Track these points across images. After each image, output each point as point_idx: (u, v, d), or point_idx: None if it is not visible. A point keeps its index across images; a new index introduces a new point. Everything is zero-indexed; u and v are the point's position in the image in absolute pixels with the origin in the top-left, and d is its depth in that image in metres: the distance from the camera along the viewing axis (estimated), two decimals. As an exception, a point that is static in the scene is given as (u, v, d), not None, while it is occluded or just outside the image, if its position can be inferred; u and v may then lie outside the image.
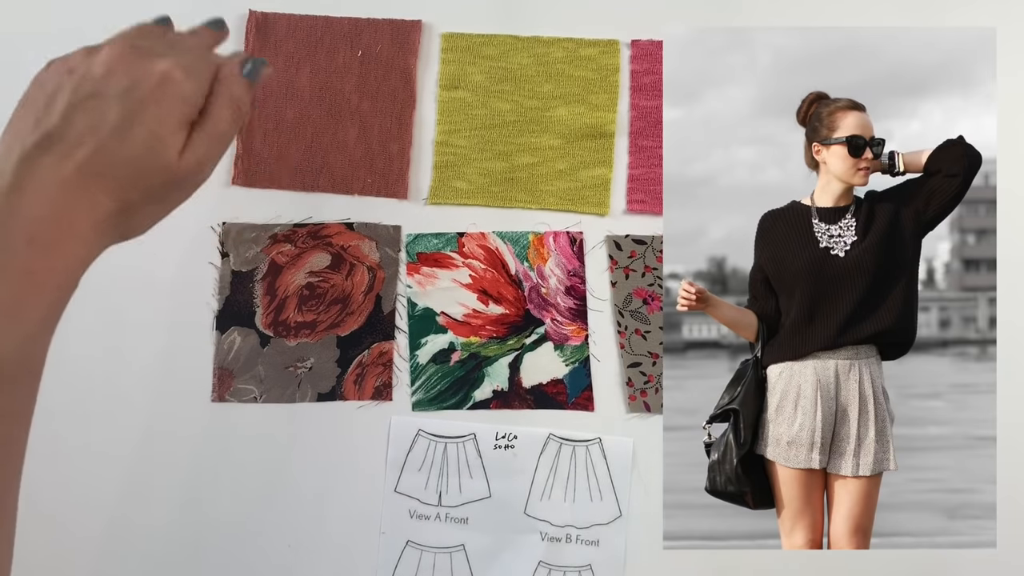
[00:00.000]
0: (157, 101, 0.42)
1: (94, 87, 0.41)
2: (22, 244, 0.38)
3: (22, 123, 0.41)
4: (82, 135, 0.40)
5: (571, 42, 0.71)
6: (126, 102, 0.41)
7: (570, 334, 0.69)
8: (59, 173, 0.40)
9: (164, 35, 0.48)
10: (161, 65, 0.42)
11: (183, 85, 0.43)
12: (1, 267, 0.38)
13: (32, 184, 0.39)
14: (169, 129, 0.42)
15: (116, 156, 0.41)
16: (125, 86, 0.41)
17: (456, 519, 0.67)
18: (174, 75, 0.43)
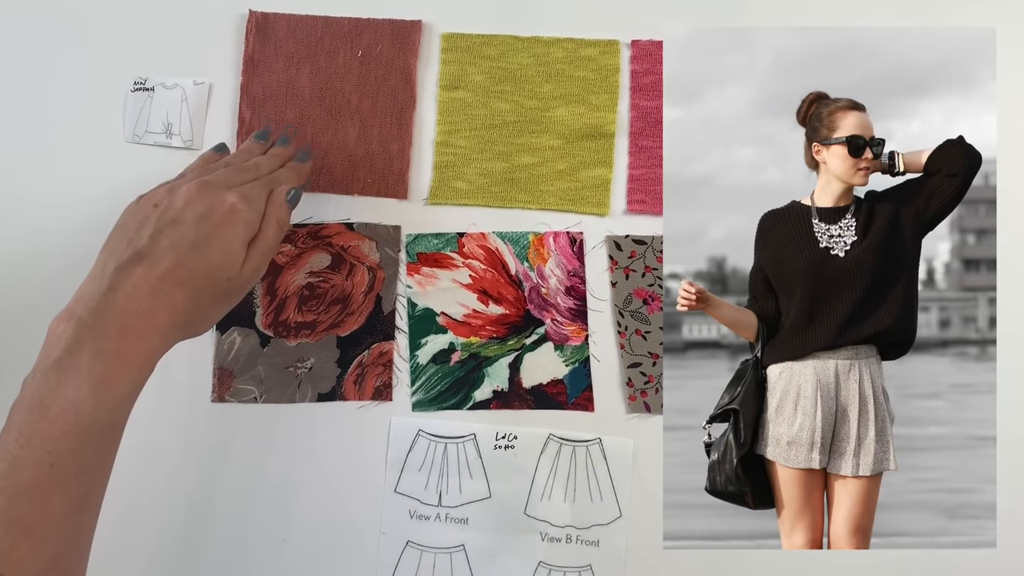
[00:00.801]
0: (226, 226, 0.53)
1: (175, 215, 0.52)
2: (115, 332, 0.48)
3: (117, 244, 0.52)
4: (165, 251, 0.51)
5: (571, 42, 0.71)
6: (201, 227, 0.52)
7: (570, 334, 0.69)
8: (146, 280, 0.50)
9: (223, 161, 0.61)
10: (229, 198, 0.53)
11: (246, 214, 0.54)
12: (99, 349, 0.47)
13: (124, 287, 0.49)
14: (235, 248, 0.53)
15: (193, 269, 0.51)
16: (200, 213, 0.52)
17: (456, 519, 0.67)
18: (239, 206, 0.53)
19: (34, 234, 0.70)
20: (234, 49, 0.71)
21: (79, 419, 0.46)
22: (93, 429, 0.47)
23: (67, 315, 0.49)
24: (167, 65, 0.72)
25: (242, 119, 0.71)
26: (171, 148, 0.71)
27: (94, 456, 0.48)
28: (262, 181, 0.58)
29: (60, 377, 0.47)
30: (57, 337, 0.48)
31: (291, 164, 0.63)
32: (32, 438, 0.45)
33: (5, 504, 0.44)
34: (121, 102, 0.71)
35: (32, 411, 0.46)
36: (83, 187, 0.70)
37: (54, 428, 0.46)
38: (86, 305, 0.49)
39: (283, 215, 0.57)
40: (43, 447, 0.45)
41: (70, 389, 0.46)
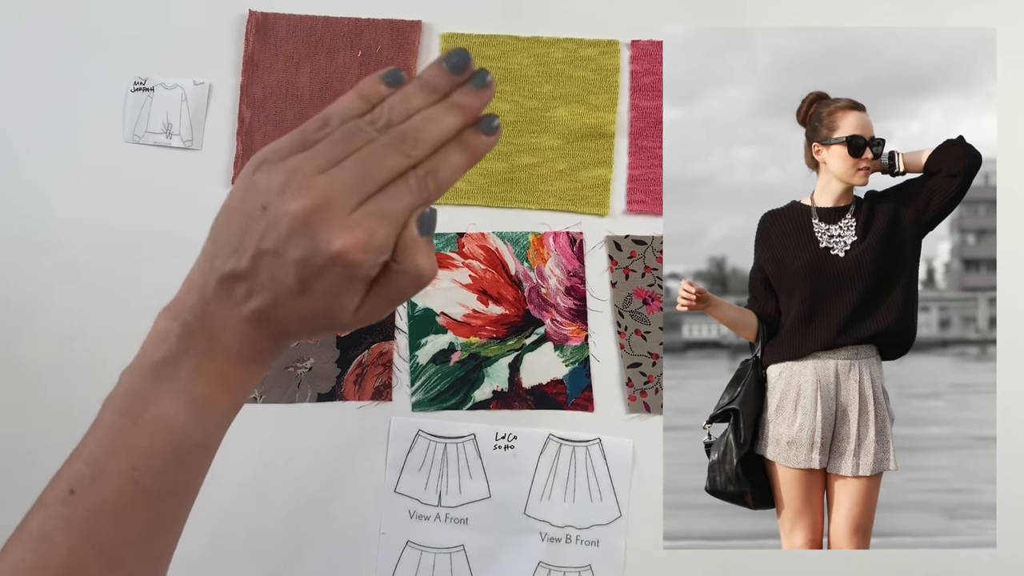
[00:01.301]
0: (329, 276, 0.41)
1: (275, 244, 0.41)
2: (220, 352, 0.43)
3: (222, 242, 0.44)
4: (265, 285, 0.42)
5: (571, 42, 0.71)
6: (300, 271, 0.41)
7: (570, 334, 0.69)
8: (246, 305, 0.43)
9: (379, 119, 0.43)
10: (338, 243, 0.40)
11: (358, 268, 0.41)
12: (198, 367, 0.43)
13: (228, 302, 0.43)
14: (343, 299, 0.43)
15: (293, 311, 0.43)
16: (299, 258, 0.41)
17: (456, 519, 0.67)
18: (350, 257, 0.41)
19: (34, 233, 0.70)
20: (234, 49, 0.71)
21: (172, 436, 0.43)
22: (184, 450, 0.44)
23: (171, 313, 0.44)
24: (167, 65, 0.72)
25: (242, 119, 0.71)
26: (171, 148, 0.71)
27: (182, 478, 0.45)
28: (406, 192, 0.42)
29: (157, 385, 0.43)
30: (161, 335, 0.43)
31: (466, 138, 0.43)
32: (119, 448, 0.42)
33: (85, 517, 0.41)
34: (121, 102, 0.71)
35: (124, 415, 0.43)
36: (83, 187, 0.70)
37: (144, 441, 0.42)
38: (192, 308, 0.43)
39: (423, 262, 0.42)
40: (130, 461, 0.42)
41: (166, 402, 0.43)
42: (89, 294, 0.69)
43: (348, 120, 0.44)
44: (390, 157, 0.42)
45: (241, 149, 0.70)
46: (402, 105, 0.43)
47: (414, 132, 0.42)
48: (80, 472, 0.41)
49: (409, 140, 0.42)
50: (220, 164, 0.70)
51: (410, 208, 0.42)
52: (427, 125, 0.42)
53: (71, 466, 0.42)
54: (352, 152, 0.42)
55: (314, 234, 0.40)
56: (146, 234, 0.70)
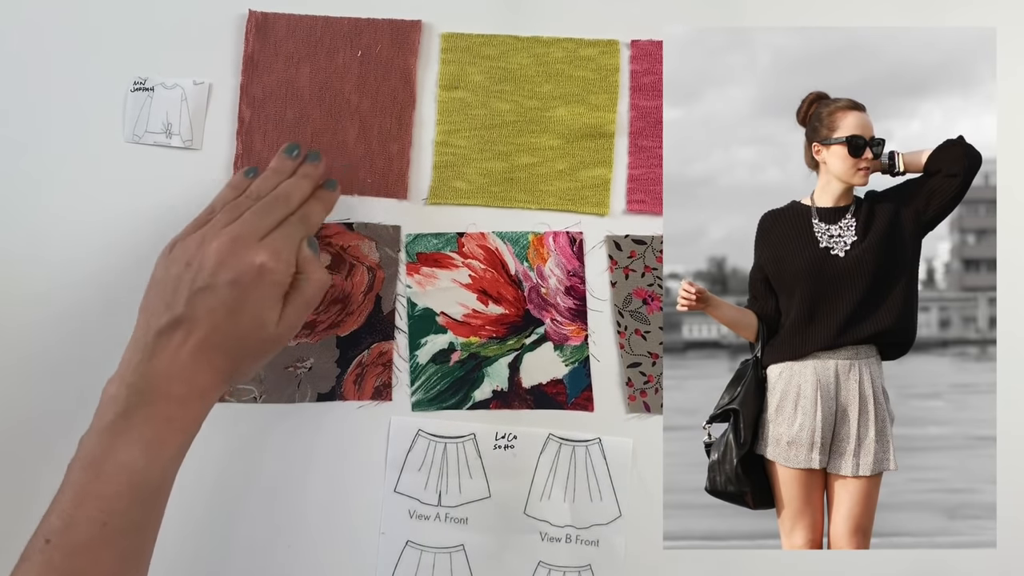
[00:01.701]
0: (256, 288, 0.53)
1: (207, 280, 0.52)
2: (161, 398, 0.51)
3: (155, 305, 0.54)
4: (201, 319, 0.52)
5: (571, 42, 0.71)
6: (233, 291, 0.52)
7: (570, 334, 0.69)
8: (185, 347, 0.52)
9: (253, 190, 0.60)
10: (259, 258, 0.53)
11: (275, 274, 0.54)
12: (148, 415, 0.50)
13: (165, 354, 0.52)
14: (268, 308, 0.54)
15: (229, 333, 0.53)
16: (231, 279, 0.52)
17: (456, 519, 0.67)
18: (268, 265, 0.53)
19: (33, 234, 0.70)
20: (234, 49, 0.71)
21: (131, 480, 0.49)
22: (144, 489, 0.50)
23: (119, 379, 0.52)
24: (167, 65, 0.72)
25: (242, 119, 0.71)
26: (171, 148, 0.71)
27: (144, 515, 0.51)
28: (293, 226, 0.57)
29: (113, 440, 0.50)
30: (110, 400, 0.51)
31: (319, 194, 0.62)
32: (86, 498, 0.48)
33: (62, 560, 0.47)
34: (121, 102, 0.71)
35: (87, 470, 0.49)
36: (83, 187, 0.70)
37: (107, 488, 0.49)
38: (134, 370, 0.52)
39: (315, 270, 0.57)
40: (97, 506, 0.48)
41: (122, 452, 0.49)
42: (89, 294, 0.69)
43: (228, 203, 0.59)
44: (274, 209, 0.57)
45: (241, 149, 0.70)
46: (264, 184, 0.60)
47: (285, 194, 0.59)
48: (53, 524, 0.48)
49: (282, 199, 0.58)
50: (220, 164, 0.70)
51: (299, 235, 0.57)
52: (293, 189, 0.59)
53: (46, 521, 0.49)
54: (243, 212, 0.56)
55: (239, 258, 0.53)
56: (146, 234, 0.70)
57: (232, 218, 0.56)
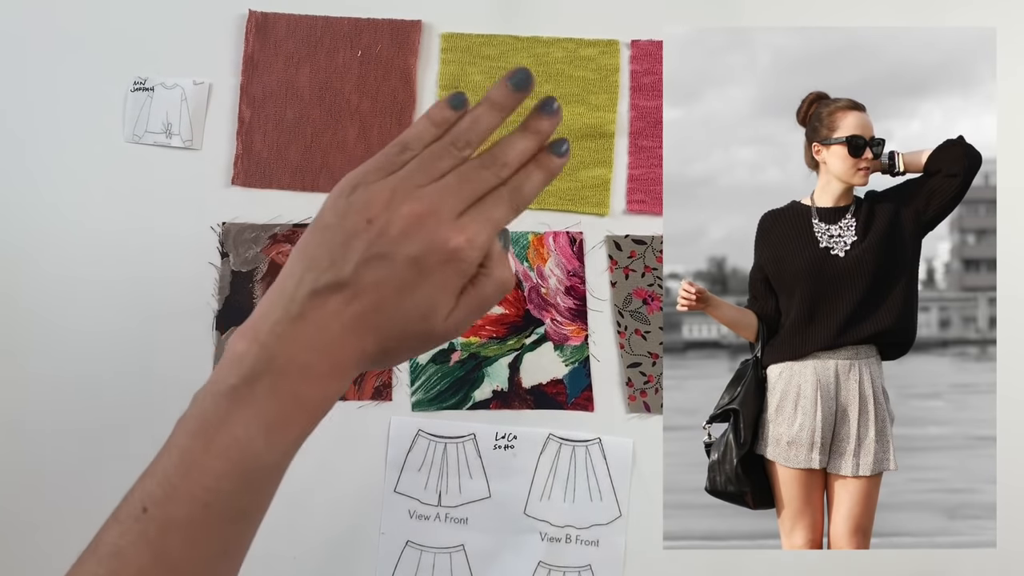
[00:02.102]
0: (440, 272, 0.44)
1: (387, 248, 0.43)
2: (297, 370, 0.43)
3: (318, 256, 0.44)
4: (367, 289, 0.43)
5: (571, 42, 0.71)
6: (412, 269, 0.43)
7: (570, 334, 0.69)
8: (341, 316, 0.43)
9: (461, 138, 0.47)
10: (453, 241, 0.44)
11: (466, 263, 0.44)
12: (277, 387, 0.42)
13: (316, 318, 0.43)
14: (444, 298, 0.45)
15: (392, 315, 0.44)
16: (415, 254, 0.43)
17: (456, 519, 0.67)
18: (462, 254, 0.44)
19: (34, 233, 0.70)
20: (234, 49, 0.71)
21: (244, 460, 0.43)
22: (256, 473, 0.43)
23: (251, 333, 0.44)
24: (167, 65, 0.72)
25: (242, 119, 0.71)
26: (171, 148, 0.71)
27: (252, 501, 0.44)
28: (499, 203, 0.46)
29: (231, 408, 0.43)
30: (237, 359, 0.43)
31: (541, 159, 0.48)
32: (192, 469, 0.42)
33: (156, 535, 0.41)
34: (121, 102, 0.71)
35: (197, 437, 0.43)
36: (83, 187, 0.70)
37: (217, 464, 0.42)
38: (271, 329, 0.43)
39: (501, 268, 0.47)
40: (202, 483, 0.42)
41: (239, 425, 0.42)
42: (89, 294, 0.69)
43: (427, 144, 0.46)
44: (484, 174, 0.46)
45: (241, 149, 0.70)
46: (475, 126, 0.47)
47: (502, 154, 0.47)
48: (153, 491, 0.42)
49: (499, 161, 0.46)
50: (220, 164, 0.70)
51: (506, 217, 0.46)
52: (510, 149, 0.47)
53: (143, 484, 0.42)
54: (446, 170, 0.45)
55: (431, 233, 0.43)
56: (146, 234, 0.70)
57: (432, 176, 0.45)
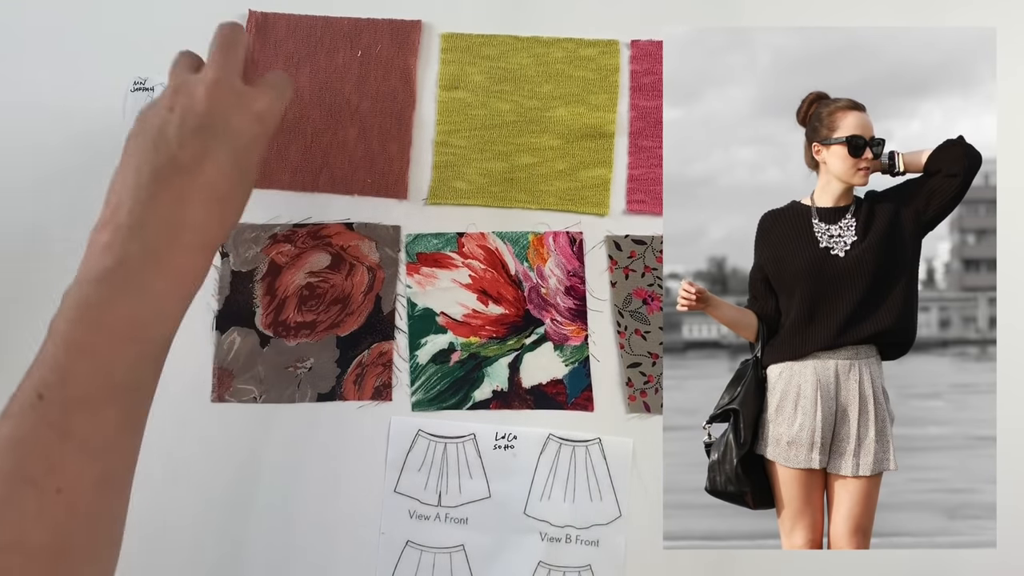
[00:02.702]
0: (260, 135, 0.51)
1: (201, 120, 0.48)
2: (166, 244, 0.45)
3: (142, 147, 0.48)
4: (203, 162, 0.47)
5: (571, 42, 0.71)
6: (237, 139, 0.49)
7: (570, 334, 0.69)
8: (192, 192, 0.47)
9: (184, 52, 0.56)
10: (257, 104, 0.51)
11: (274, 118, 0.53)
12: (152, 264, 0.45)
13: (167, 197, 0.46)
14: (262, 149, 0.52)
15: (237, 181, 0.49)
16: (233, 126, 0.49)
17: (456, 519, 0.67)
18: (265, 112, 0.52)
19: (33, 234, 0.70)
20: (234, 49, 0.71)
21: (137, 334, 0.44)
22: (147, 344, 0.45)
23: (110, 226, 0.46)
24: (167, 65, 0.71)
25: (242, 119, 0.71)
26: (171, 148, 0.71)
27: (146, 371, 0.46)
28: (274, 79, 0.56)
29: (112, 292, 0.44)
30: (103, 248, 0.45)
31: None
32: (83, 350, 0.43)
33: (59, 416, 0.41)
34: (121, 102, 0.71)
35: (80, 323, 0.43)
36: (82, 187, 0.70)
37: (108, 341, 0.43)
38: (129, 214, 0.45)
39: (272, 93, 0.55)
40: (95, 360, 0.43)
41: (124, 304, 0.44)
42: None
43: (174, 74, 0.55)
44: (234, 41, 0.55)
45: (241, 149, 0.70)
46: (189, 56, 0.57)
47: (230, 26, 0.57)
48: (45, 377, 0.42)
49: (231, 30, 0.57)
50: (220, 164, 0.70)
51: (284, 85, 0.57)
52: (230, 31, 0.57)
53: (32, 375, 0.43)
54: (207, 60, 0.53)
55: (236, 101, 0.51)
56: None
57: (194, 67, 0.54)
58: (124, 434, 0.44)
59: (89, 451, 0.42)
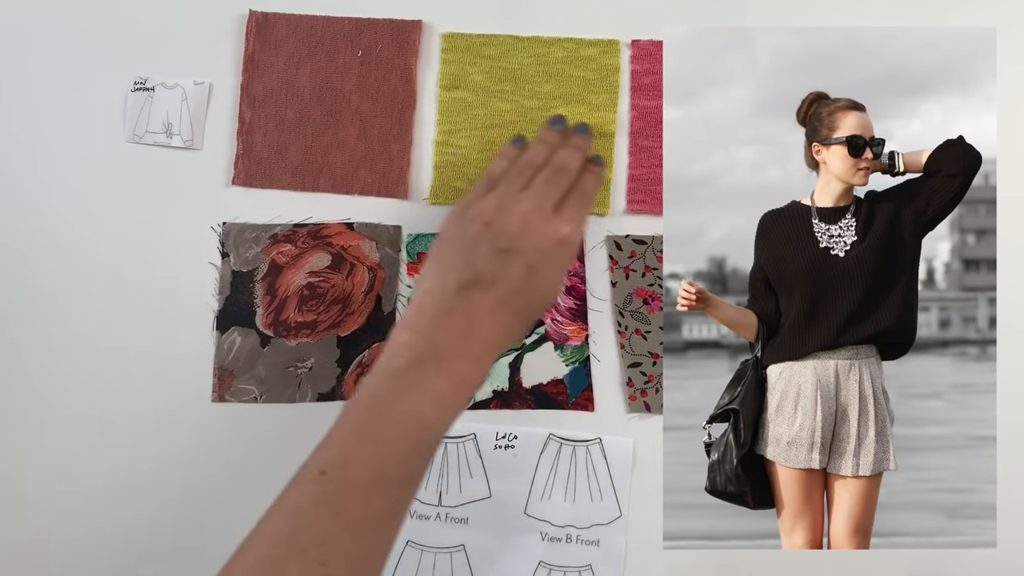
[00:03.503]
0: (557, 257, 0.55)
1: (509, 243, 0.53)
2: (458, 353, 0.50)
3: (452, 258, 0.54)
4: (503, 279, 0.52)
5: (571, 42, 0.71)
6: (536, 258, 0.53)
7: (570, 334, 0.69)
8: (485, 305, 0.52)
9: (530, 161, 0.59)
10: (563, 229, 0.55)
11: (574, 246, 0.56)
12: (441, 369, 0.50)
13: (465, 309, 0.51)
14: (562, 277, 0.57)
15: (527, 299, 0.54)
16: (536, 245, 0.54)
17: (456, 519, 0.67)
18: (571, 238, 0.55)
19: (34, 234, 0.70)
20: (234, 49, 0.71)
21: (416, 431, 0.48)
22: (423, 443, 0.49)
23: (411, 327, 0.51)
24: (167, 65, 0.72)
25: (242, 119, 0.71)
26: (171, 148, 0.71)
27: (418, 465, 0.49)
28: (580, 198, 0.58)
29: (403, 387, 0.49)
30: (402, 346, 0.51)
31: (592, 168, 0.61)
32: (367, 438, 0.48)
33: (335, 495, 0.46)
34: (121, 102, 0.71)
35: (369, 411, 0.49)
36: (83, 187, 0.70)
37: (390, 433, 0.48)
38: (430, 322, 0.51)
39: None
40: (376, 450, 0.47)
41: (411, 400, 0.48)
42: (89, 294, 0.70)
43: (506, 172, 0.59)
44: (561, 179, 0.58)
45: (241, 149, 0.70)
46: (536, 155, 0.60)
47: (566, 165, 0.59)
48: (330, 458, 0.47)
49: (565, 170, 0.58)
50: (220, 164, 0.71)
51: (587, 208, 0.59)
52: (570, 160, 0.59)
53: (319, 454, 0.48)
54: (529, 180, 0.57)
55: (544, 226, 0.54)
56: (146, 234, 0.70)
57: (522, 184, 0.57)
58: (387, 521, 0.48)
59: (356, 531, 0.46)
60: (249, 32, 0.71)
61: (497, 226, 0.54)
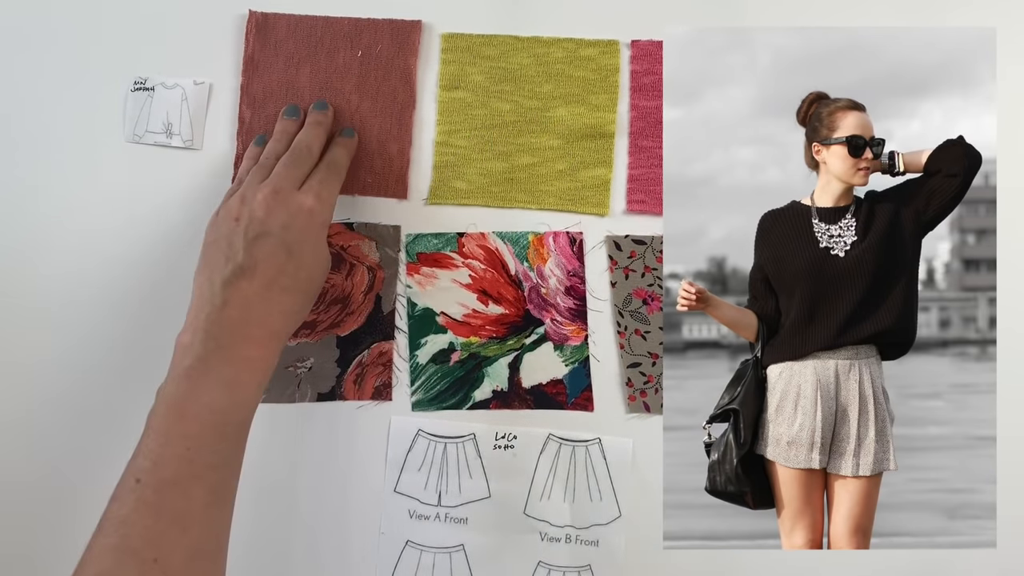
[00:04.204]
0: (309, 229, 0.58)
1: (258, 229, 0.56)
2: (239, 341, 0.54)
3: (215, 260, 0.56)
4: (263, 263, 0.55)
5: (571, 42, 0.71)
6: (288, 235, 0.56)
7: (570, 334, 0.69)
8: (253, 291, 0.55)
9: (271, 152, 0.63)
10: (306, 202, 0.58)
11: (322, 214, 0.59)
12: (226, 358, 0.53)
13: (235, 300, 0.54)
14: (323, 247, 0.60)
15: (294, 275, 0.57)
16: (283, 223, 0.56)
17: (456, 519, 0.67)
18: (316, 208, 0.58)
19: (34, 234, 0.70)
20: (234, 49, 0.71)
21: (215, 418, 0.51)
22: (227, 427, 0.52)
23: (191, 330, 0.54)
24: (167, 65, 0.72)
25: (242, 119, 0.71)
26: (171, 148, 0.71)
27: (229, 450, 0.53)
28: (325, 171, 0.61)
29: (193, 384, 0.52)
30: (185, 348, 0.53)
31: (340, 141, 0.66)
32: (171, 438, 0.50)
33: (153, 496, 0.49)
34: (121, 102, 0.71)
35: (169, 414, 0.51)
36: (83, 187, 0.70)
37: (192, 427, 0.51)
38: (206, 319, 0.54)
39: None
40: (183, 445, 0.50)
41: (204, 393, 0.51)
42: (88, 293, 0.70)
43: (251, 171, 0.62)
44: (301, 159, 0.61)
45: (241, 149, 0.70)
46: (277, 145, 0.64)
47: (306, 144, 0.62)
48: (142, 465, 0.50)
49: (304, 149, 0.62)
50: (220, 164, 0.70)
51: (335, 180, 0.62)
52: (310, 139, 0.63)
53: (133, 463, 0.51)
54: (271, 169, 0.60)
55: (286, 204, 0.57)
56: (146, 234, 0.70)
57: (264, 176, 0.59)
58: (212, 508, 0.51)
59: (183, 524, 0.49)
60: (249, 32, 0.71)
61: (245, 218, 0.56)
